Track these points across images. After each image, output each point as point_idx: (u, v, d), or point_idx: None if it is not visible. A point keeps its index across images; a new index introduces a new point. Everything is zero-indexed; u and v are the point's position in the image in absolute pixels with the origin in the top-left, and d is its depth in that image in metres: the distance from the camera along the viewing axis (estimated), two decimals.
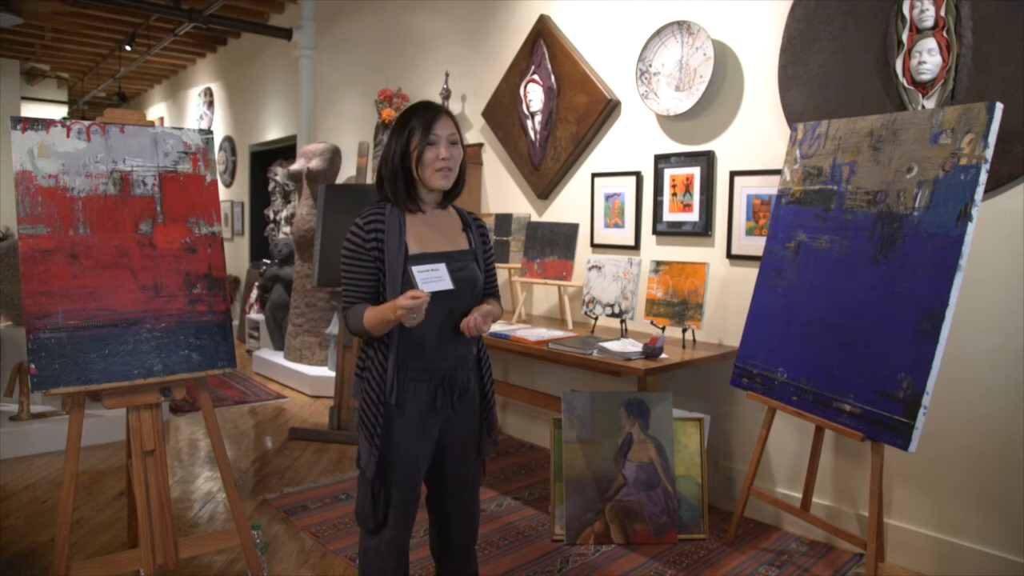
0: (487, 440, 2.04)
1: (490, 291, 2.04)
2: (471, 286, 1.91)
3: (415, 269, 1.81)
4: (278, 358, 5.87)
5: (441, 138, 1.84)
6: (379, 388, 1.86)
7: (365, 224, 1.86)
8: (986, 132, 2.16)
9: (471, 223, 2.01)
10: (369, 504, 1.90)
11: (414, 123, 1.85)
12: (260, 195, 7.96)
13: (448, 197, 1.97)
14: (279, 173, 7.24)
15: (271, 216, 7.44)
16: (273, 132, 7.53)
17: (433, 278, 1.81)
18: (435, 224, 1.95)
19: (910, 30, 2.64)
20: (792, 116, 3.00)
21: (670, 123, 3.51)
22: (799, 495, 2.92)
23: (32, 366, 2.07)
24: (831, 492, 2.96)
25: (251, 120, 8.01)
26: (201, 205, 2.41)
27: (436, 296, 1.79)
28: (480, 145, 4.61)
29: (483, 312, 1.87)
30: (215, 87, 8.93)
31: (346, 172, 5.92)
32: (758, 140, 3.16)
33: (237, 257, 8.19)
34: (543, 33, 4.06)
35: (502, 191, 4.47)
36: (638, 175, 3.64)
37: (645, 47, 3.50)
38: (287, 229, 7.11)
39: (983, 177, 2.16)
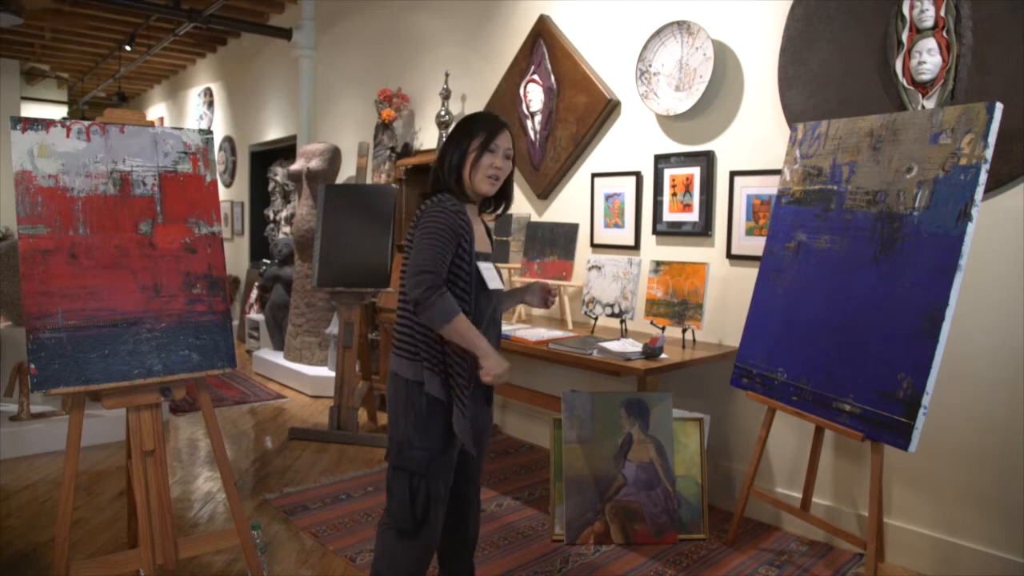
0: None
1: None
2: (500, 286, 2.06)
3: (481, 266, 1.95)
4: (278, 358, 5.87)
5: (500, 148, 1.97)
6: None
7: (453, 208, 1.90)
8: (986, 132, 2.16)
9: (489, 229, 2.14)
10: (407, 502, 1.88)
11: (479, 129, 1.97)
12: (260, 195, 7.95)
13: (488, 207, 2.09)
14: (279, 173, 7.24)
15: (271, 216, 7.44)
16: (273, 132, 7.53)
17: (492, 276, 1.99)
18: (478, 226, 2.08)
19: (910, 30, 2.64)
20: (792, 116, 3.00)
21: (670, 123, 3.51)
22: (799, 495, 2.92)
23: (32, 366, 2.07)
24: (831, 492, 2.96)
25: (251, 120, 8.01)
26: (201, 205, 2.41)
27: (487, 293, 1.98)
28: None
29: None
30: (215, 87, 8.92)
31: (346, 172, 5.92)
32: (758, 140, 3.16)
33: (237, 257, 8.19)
34: (543, 33, 4.06)
35: None
36: (638, 175, 3.64)
37: (645, 47, 3.49)
38: (287, 229, 7.11)
39: (983, 177, 2.16)
